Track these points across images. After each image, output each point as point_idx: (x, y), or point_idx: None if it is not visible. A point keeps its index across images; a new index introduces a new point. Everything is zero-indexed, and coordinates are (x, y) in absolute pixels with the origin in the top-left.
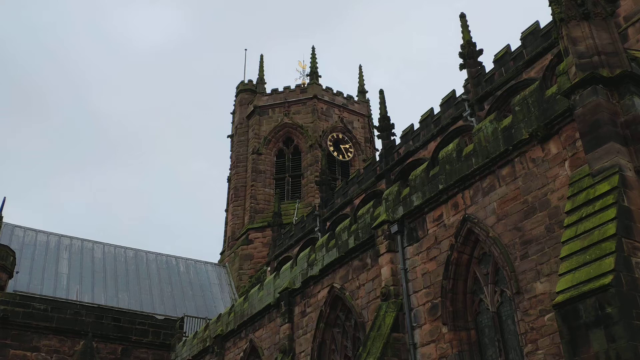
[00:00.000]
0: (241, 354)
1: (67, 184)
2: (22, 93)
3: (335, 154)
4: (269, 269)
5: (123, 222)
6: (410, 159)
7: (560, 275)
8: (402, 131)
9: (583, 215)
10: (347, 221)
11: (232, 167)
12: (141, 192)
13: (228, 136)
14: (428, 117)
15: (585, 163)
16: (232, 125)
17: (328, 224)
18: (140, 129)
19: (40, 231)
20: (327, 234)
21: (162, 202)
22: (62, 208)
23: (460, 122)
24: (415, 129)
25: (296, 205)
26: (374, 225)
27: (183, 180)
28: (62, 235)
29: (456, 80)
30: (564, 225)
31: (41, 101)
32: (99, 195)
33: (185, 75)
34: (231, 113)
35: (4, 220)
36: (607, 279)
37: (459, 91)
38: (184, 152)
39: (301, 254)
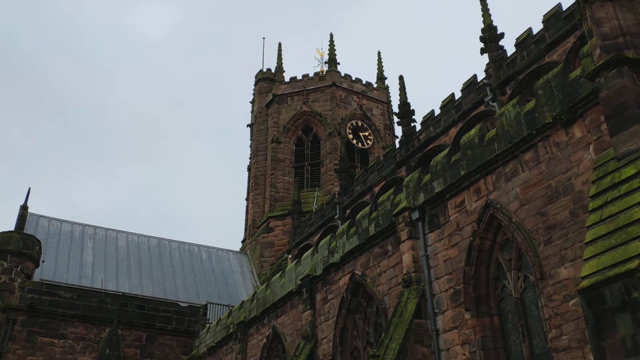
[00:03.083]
0: (264, 340)
1: (82, 177)
2: (34, 85)
3: (354, 141)
4: (289, 256)
5: (140, 214)
6: (431, 146)
7: (585, 260)
8: (423, 117)
9: (608, 199)
10: (367, 208)
11: (252, 156)
12: (159, 183)
13: (247, 125)
14: (449, 103)
15: (610, 146)
16: (252, 114)
17: (348, 211)
18: (158, 120)
19: (64, 221)
20: (348, 222)
21: (180, 193)
22: (78, 200)
23: (482, 107)
24: (435, 115)
25: (316, 194)
26: (395, 212)
27: (202, 170)
28: (86, 225)
29: (477, 65)
30: (589, 209)
31: (54, 93)
32: (115, 188)
33: (204, 66)
34: (250, 102)
35: (29, 210)
36: (634, 264)
37: (480, 76)
38: (204, 143)
39: (322, 242)
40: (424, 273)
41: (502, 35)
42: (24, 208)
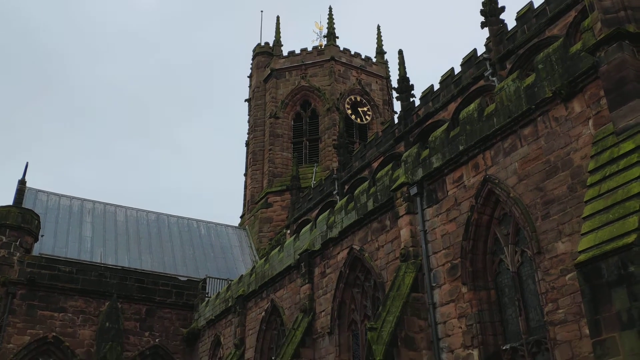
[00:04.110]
0: (263, 314)
1: (78, 152)
2: (30, 59)
3: (353, 117)
4: (288, 231)
5: (137, 190)
6: (430, 121)
7: (582, 234)
8: (422, 92)
9: (606, 174)
10: (365, 184)
11: (250, 132)
12: (155, 159)
13: (245, 100)
14: (448, 78)
15: (609, 121)
16: (249, 89)
17: (346, 187)
18: (153, 95)
19: (63, 195)
20: (346, 197)
21: (178, 169)
22: (75, 175)
23: (482, 82)
24: (435, 89)
25: (314, 169)
26: (393, 187)
27: (199, 146)
28: (85, 200)
29: (478, 39)
30: (587, 184)
31: (51, 67)
32: (111, 163)
33: (201, 39)
34: (248, 77)
35: (27, 185)
36: (631, 238)
37: (481, 50)
38: (201, 118)
39: (320, 217)
40: (421, 247)
41: (502, 8)
42: (22, 182)
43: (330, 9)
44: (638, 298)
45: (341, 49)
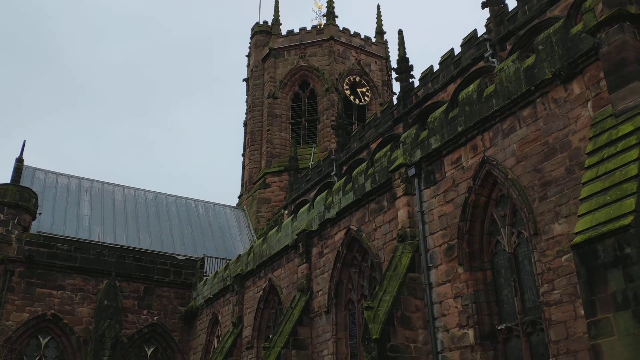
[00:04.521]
0: (260, 292)
1: (75, 131)
2: (26, 38)
3: (351, 97)
4: (286, 212)
5: (134, 169)
6: (429, 102)
7: (579, 216)
8: (421, 73)
9: (605, 156)
10: (364, 165)
11: (248, 112)
12: (153, 139)
13: (244, 80)
14: (448, 58)
15: (608, 103)
16: (248, 69)
17: (344, 168)
18: (150, 75)
19: (60, 174)
20: (344, 178)
21: (175, 149)
22: (71, 154)
23: (481, 63)
24: (434, 70)
25: (312, 150)
26: (391, 168)
27: (197, 126)
28: (83, 178)
29: (478, 20)
30: (585, 166)
31: (47, 46)
32: (108, 143)
33: (198, 18)
34: (246, 56)
35: (25, 163)
36: (627, 220)
37: (481, 31)
38: (198, 97)
39: (318, 197)
40: (418, 228)
41: None
42: (19, 161)
43: None
44: (633, 279)
45: (340, 28)
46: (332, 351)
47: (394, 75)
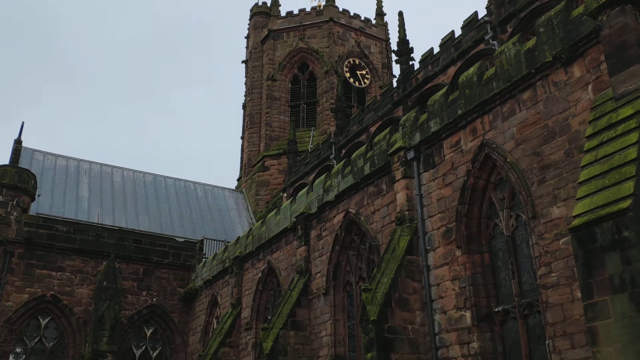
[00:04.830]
0: (259, 274)
1: (72, 113)
2: (30, 20)
3: (351, 80)
4: (285, 195)
5: (132, 152)
6: (429, 85)
7: (578, 199)
8: (422, 56)
9: (604, 140)
10: (363, 148)
11: (247, 94)
12: (150, 121)
13: (242, 62)
14: (448, 41)
15: (609, 86)
16: (247, 50)
17: (343, 151)
18: (148, 57)
19: (59, 155)
20: (343, 161)
21: (173, 131)
22: (69, 136)
23: (482, 46)
24: (434, 53)
25: (311, 133)
26: (390, 151)
27: (196, 108)
28: (81, 160)
29: (479, 2)
30: (584, 149)
31: (44, 28)
32: (105, 125)
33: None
34: (245, 37)
35: (23, 144)
36: (626, 203)
37: (482, 13)
38: (196, 79)
39: (317, 180)
40: (417, 211)
41: None
42: (18, 142)
43: None
44: (631, 262)
45: (340, 9)
46: (330, 332)
47: (394, 57)
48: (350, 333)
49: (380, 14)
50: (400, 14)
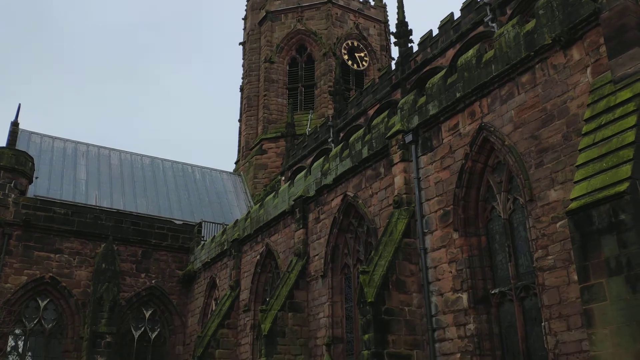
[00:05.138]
0: (258, 257)
1: (68, 96)
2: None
3: (349, 62)
4: (283, 178)
5: (130, 135)
6: (428, 67)
7: (575, 182)
8: (420, 38)
9: (602, 123)
10: (361, 131)
11: (245, 76)
12: (147, 104)
13: (240, 43)
14: (447, 23)
15: (607, 69)
16: (244, 32)
17: (341, 134)
18: (144, 38)
19: (56, 138)
20: (341, 144)
21: (170, 114)
22: (65, 119)
23: (481, 28)
24: (433, 35)
25: (309, 116)
26: (388, 135)
27: (193, 90)
28: (79, 142)
29: None
30: (582, 132)
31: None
32: (102, 109)
33: None
34: (243, 19)
35: (20, 126)
36: (623, 186)
37: None
38: (194, 61)
39: (315, 164)
40: (414, 195)
41: None
42: (15, 124)
43: None
44: (627, 245)
45: None
46: (328, 314)
47: (392, 40)
48: (348, 315)
49: None
50: None
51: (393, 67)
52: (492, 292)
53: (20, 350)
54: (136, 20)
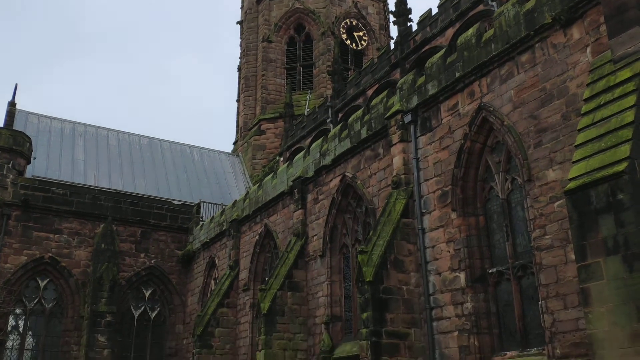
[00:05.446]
0: (257, 237)
1: (65, 76)
2: None
3: (348, 42)
4: (281, 159)
5: (127, 115)
6: (427, 47)
7: (573, 162)
8: (420, 17)
9: (601, 103)
10: (360, 111)
11: (242, 56)
12: (143, 84)
13: (237, 22)
14: (447, 2)
15: (607, 49)
16: (242, 11)
17: (340, 115)
18: (140, 19)
19: (54, 118)
20: (340, 125)
21: (167, 94)
22: (62, 99)
23: (481, 7)
24: (433, 14)
25: (308, 96)
26: (387, 115)
27: (190, 70)
28: (76, 122)
29: None
30: (581, 112)
31: None
32: (99, 88)
33: None
34: None
35: (17, 107)
36: (622, 166)
37: None
38: (191, 41)
39: (314, 144)
40: (413, 175)
41: None
42: (12, 104)
43: None
44: (625, 225)
45: None
46: (327, 293)
47: (391, 19)
48: (346, 294)
49: None
50: None
51: (392, 46)
52: (490, 271)
53: (20, 329)
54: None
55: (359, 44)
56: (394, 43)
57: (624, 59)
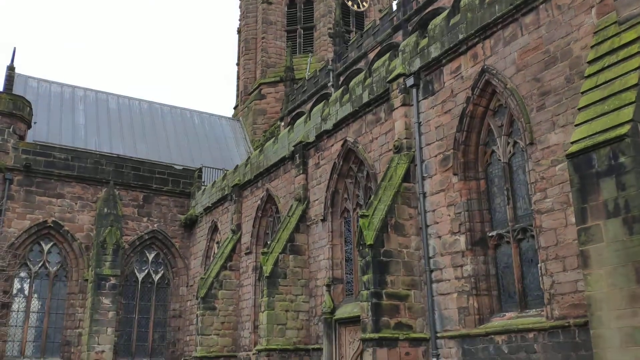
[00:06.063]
0: (258, 202)
1: (64, 38)
2: None
3: (349, 3)
4: (282, 123)
5: (123, 78)
6: (430, 8)
7: (576, 125)
8: None
9: (605, 65)
10: (361, 75)
11: (242, 18)
12: (140, 44)
13: None
14: None
15: (613, 10)
16: None
17: (342, 78)
18: None
19: (53, 82)
20: (341, 88)
21: (163, 55)
22: (59, 62)
23: None
24: None
25: (308, 60)
26: (389, 78)
27: (188, 32)
28: (76, 87)
29: None
30: (585, 75)
31: None
32: (99, 52)
33: None
34: None
35: (16, 71)
36: (624, 129)
37: None
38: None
39: (315, 109)
40: (415, 139)
41: None
42: (10, 68)
43: None
44: (626, 188)
45: None
46: (328, 256)
47: None
48: (348, 257)
49: None
50: None
51: (394, 7)
52: (490, 234)
53: (26, 292)
54: None
55: (361, 6)
56: (397, 4)
57: (629, 20)
